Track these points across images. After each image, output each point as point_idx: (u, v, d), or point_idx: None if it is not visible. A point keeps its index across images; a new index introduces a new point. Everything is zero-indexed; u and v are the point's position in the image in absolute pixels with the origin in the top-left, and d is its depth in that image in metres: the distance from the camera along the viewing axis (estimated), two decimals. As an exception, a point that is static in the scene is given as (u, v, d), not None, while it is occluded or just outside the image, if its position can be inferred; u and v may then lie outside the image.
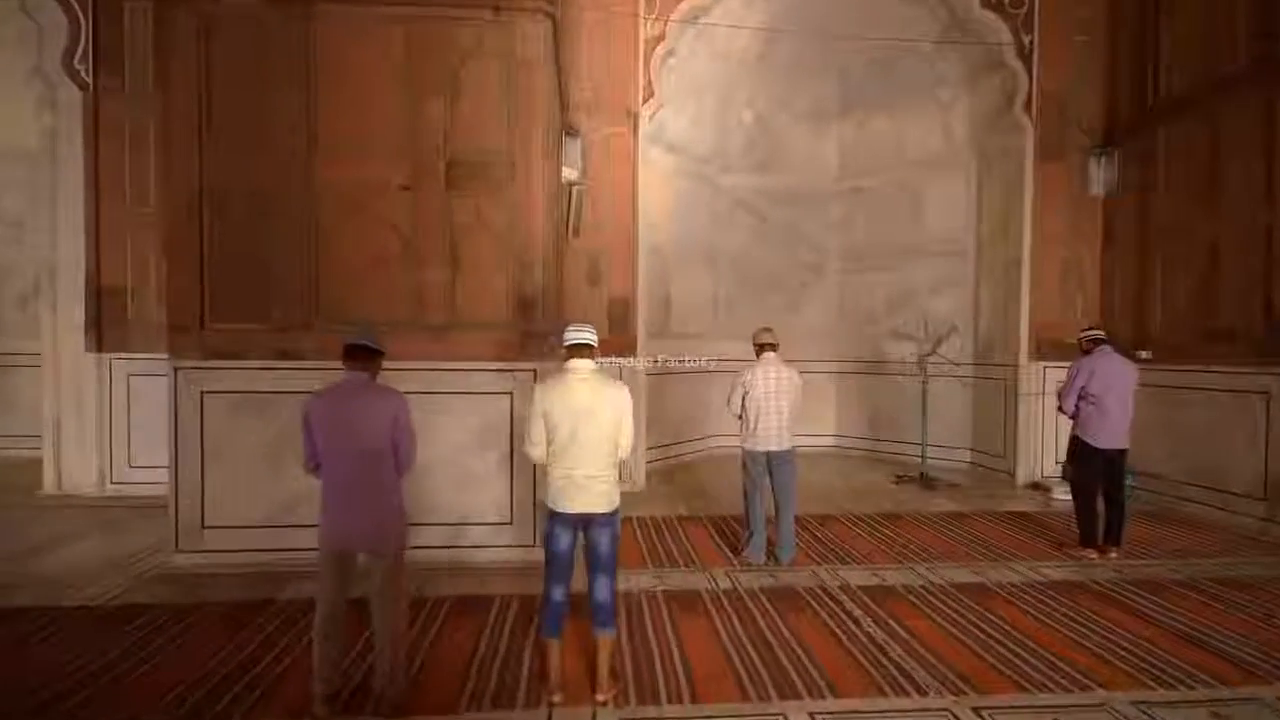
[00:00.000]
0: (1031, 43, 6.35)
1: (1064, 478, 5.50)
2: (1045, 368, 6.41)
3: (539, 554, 4.02)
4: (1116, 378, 4.25)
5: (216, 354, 3.91)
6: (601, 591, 2.59)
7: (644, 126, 6.17)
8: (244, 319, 3.93)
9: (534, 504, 4.10)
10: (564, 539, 2.57)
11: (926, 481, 6.43)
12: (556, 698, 2.52)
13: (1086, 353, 4.42)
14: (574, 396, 2.51)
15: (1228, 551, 4.47)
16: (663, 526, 4.98)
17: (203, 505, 3.92)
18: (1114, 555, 4.29)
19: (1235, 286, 5.12)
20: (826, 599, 3.58)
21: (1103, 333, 4.48)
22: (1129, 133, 6.12)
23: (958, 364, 6.56)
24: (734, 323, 8.17)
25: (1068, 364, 6.41)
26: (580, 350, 2.61)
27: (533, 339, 4.12)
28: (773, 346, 4.21)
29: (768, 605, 3.49)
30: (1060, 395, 4.50)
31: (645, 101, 6.12)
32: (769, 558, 4.15)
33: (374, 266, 4.01)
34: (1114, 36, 6.28)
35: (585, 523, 2.56)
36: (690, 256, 7.61)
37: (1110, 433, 4.24)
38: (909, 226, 7.64)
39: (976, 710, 2.49)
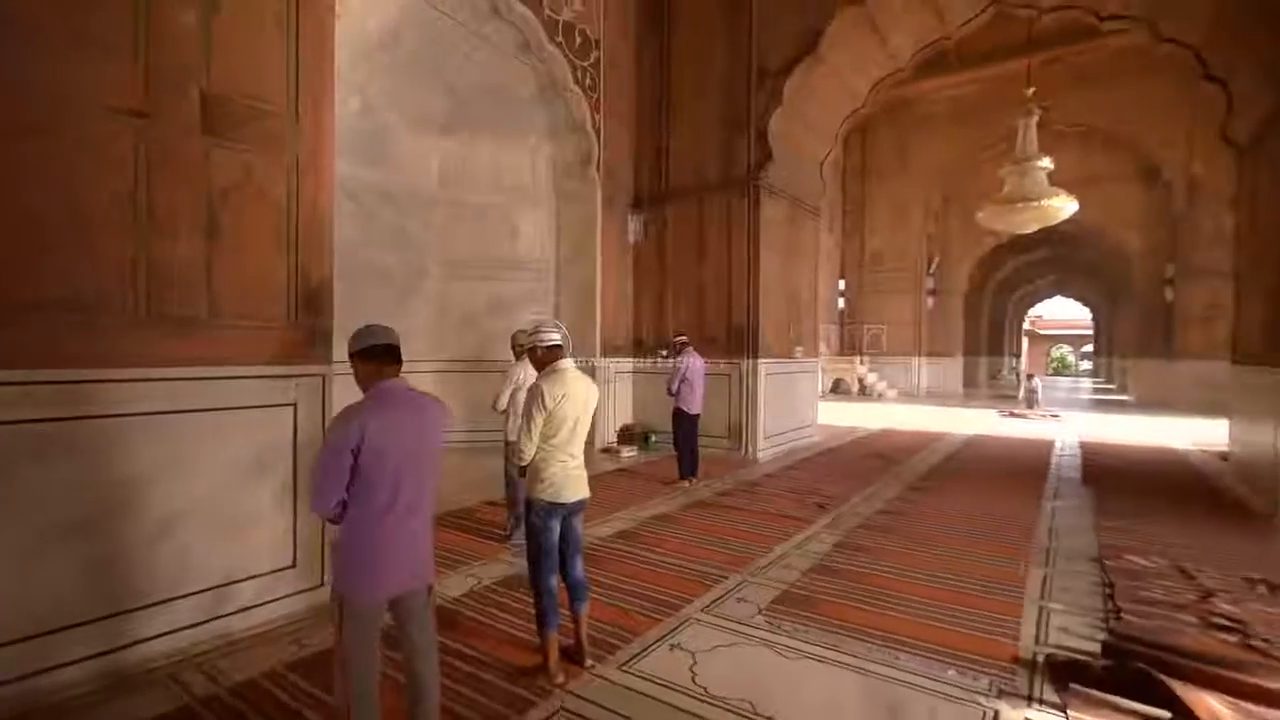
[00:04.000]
0: (600, 121, 8.52)
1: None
2: (611, 363, 8.75)
3: (326, 594, 3.49)
4: (698, 367, 6.64)
5: None
6: (579, 570, 2.90)
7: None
8: None
9: (323, 535, 3.43)
10: (557, 529, 2.78)
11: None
12: (560, 679, 2.71)
13: (679, 352, 6.67)
14: (577, 393, 2.77)
15: (731, 469, 7.53)
16: (441, 527, 4.68)
17: None
18: (695, 482, 6.68)
19: (714, 310, 8.49)
20: (612, 548, 4.50)
21: (686, 338, 6.84)
22: (650, 201, 9.03)
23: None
24: (340, 319, 7.50)
25: (626, 359, 9.03)
26: (562, 350, 2.84)
27: (321, 338, 3.42)
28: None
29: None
30: (669, 382, 6.61)
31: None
32: (532, 535, 4.69)
33: (74, 222, 2.55)
34: (640, 134, 9.11)
35: (570, 510, 2.82)
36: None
37: (697, 402, 6.61)
38: (504, 243, 8.82)
39: (744, 577, 4.03)
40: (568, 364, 2.86)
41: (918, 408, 15.78)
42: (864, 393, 18.82)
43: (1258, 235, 6.57)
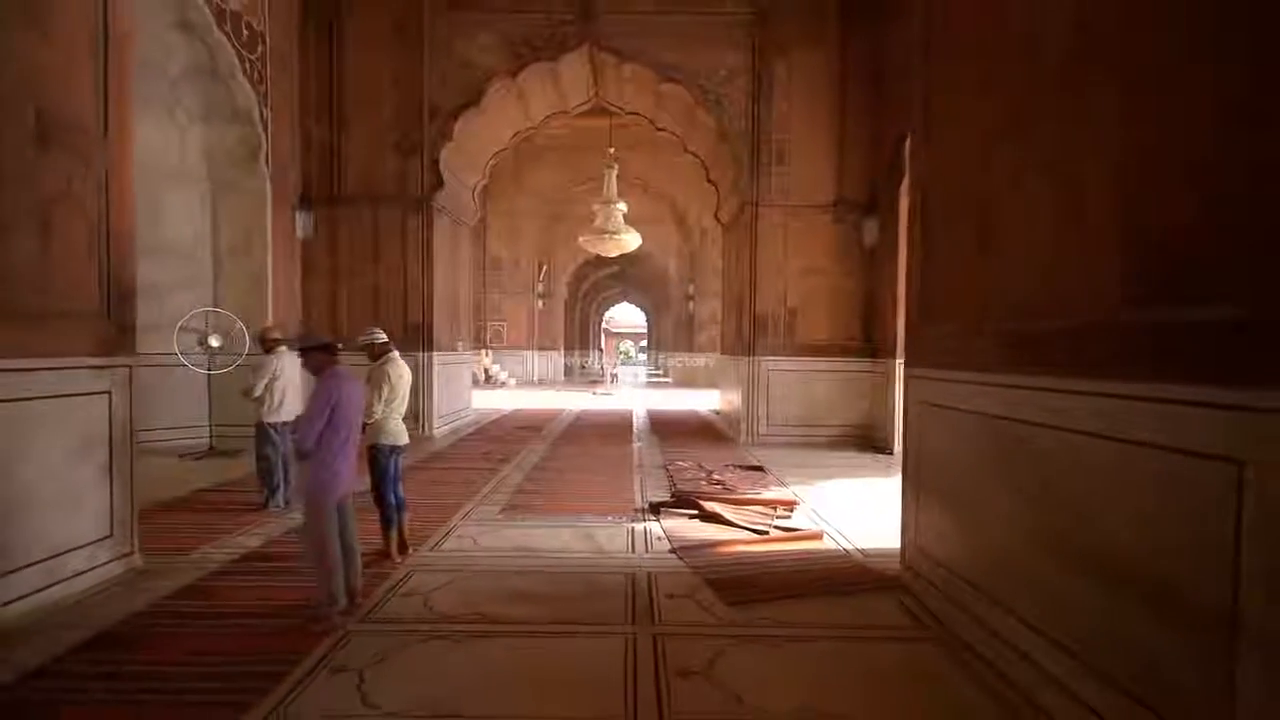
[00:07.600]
0: (269, 115, 8.63)
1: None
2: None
3: (139, 561, 4.04)
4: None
5: None
6: (401, 490, 4.34)
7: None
8: None
9: (132, 504, 3.87)
10: (396, 463, 4.18)
11: (223, 452, 7.75)
12: (399, 559, 4.15)
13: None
14: (406, 373, 4.23)
15: (417, 444, 8.83)
16: (180, 508, 5.23)
17: None
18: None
19: (388, 310, 9.58)
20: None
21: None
22: (321, 202, 9.50)
23: (243, 354, 8.06)
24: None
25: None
26: (390, 344, 4.23)
27: (129, 333, 3.83)
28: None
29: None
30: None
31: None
32: (285, 503, 5.46)
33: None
34: (309, 135, 9.45)
35: (402, 451, 4.26)
36: None
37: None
38: (146, 226, 8.03)
39: (476, 503, 5.88)
40: (396, 354, 4.25)
41: (536, 392, 19.15)
42: (489, 381, 21.42)
43: (729, 278, 11.40)
